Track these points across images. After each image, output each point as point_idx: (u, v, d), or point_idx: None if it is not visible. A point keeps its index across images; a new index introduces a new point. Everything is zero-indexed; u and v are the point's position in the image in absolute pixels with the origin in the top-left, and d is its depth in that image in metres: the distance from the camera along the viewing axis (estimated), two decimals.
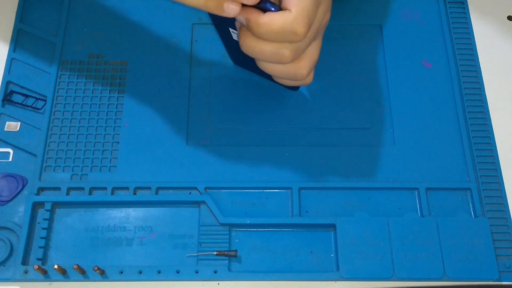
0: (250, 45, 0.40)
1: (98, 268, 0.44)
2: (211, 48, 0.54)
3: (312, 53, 0.43)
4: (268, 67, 0.43)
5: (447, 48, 0.54)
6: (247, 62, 0.49)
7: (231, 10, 0.38)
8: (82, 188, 0.48)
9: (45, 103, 0.51)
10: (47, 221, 0.46)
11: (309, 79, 0.44)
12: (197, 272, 0.44)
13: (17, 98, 0.51)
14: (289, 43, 0.40)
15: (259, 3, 0.38)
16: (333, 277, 0.44)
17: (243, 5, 0.38)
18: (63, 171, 0.48)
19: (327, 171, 0.49)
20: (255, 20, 0.39)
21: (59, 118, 0.50)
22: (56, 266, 0.43)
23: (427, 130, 0.51)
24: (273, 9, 0.39)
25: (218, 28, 0.48)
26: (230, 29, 0.45)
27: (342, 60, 0.53)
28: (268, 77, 0.51)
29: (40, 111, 0.51)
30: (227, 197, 0.48)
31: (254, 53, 0.41)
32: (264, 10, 0.39)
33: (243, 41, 0.40)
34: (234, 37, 0.46)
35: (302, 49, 0.41)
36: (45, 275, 0.44)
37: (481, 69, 0.53)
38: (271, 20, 0.38)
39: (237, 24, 0.42)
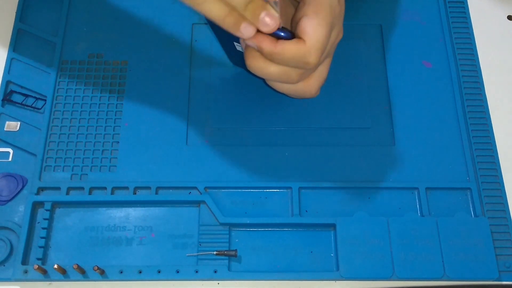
0: (259, 67, 0.40)
1: (98, 268, 0.43)
2: (211, 48, 0.54)
3: (322, 71, 0.43)
4: (276, 86, 0.42)
5: (447, 48, 0.54)
6: (235, 58, 0.49)
7: (246, 32, 0.37)
8: (82, 188, 0.48)
9: (45, 103, 0.51)
10: (47, 220, 0.46)
11: (316, 94, 0.44)
12: (197, 272, 0.44)
13: (17, 98, 0.51)
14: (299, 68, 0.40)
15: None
16: (333, 276, 0.44)
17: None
18: (63, 170, 0.48)
19: (327, 171, 0.49)
20: (269, 48, 0.38)
21: (59, 118, 0.50)
22: (56, 266, 0.43)
23: (427, 130, 0.51)
24: (283, 34, 0.38)
25: (213, 29, 0.47)
26: (235, 43, 0.45)
27: (342, 60, 0.53)
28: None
29: (40, 111, 0.51)
30: (227, 197, 0.47)
31: (262, 75, 0.40)
32: (276, 36, 0.38)
33: (251, 62, 0.40)
34: (238, 48, 0.46)
35: (310, 73, 0.41)
36: (45, 275, 0.44)
37: (481, 69, 0.53)
38: (285, 49, 0.38)
39: (242, 42, 0.41)
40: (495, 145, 0.50)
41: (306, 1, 0.40)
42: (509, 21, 0.57)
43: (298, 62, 0.39)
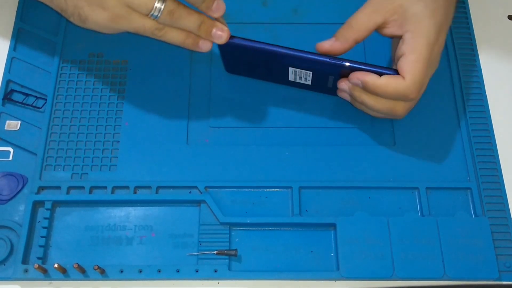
0: (367, 101, 0.46)
1: (98, 267, 0.43)
2: (211, 48, 0.54)
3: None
4: (373, 113, 0.48)
5: (447, 48, 0.54)
6: (243, 70, 0.49)
7: (205, 46, 0.45)
8: (82, 187, 0.48)
9: (45, 102, 0.51)
10: (47, 220, 0.46)
11: (403, 116, 0.48)
12: (197, 271, 0.44)
13: (17, 97, 0.51)
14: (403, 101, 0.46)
15: (372, 67, 0.45)
16: (333, 276, 0.44)
17: (362, 70, 0.45)
18: (63, 170, 0.48)
19: (327, 170, 0.49)
20: (373, 82, 0.44)
21: (59, 117, 0.50)
22: (56, 265, 0.43)
23: (427, 130, 0.51)
24: (388, 72, 0.44)
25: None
26: (290, 68, 0.48)
27: None
28: (266, 78, 0.51)
29: (40, 110, 0.51)
30: (227, 196, 0.48)
31: (368, 106, 0.46)
32: (380, 74, 0.44)
33: (359, 97, 0.46)
34: (291, 77, 0.49)
35: (414, 105, 0.47)
36: (45, 274, 0.44)
37: (482, 69, 0.53)
38: (387, 83, 0.44)
39: (344, 83, 0.47)
40: (495, 145, 0.50)
41: (405, 39, 0.44)
42: (509, 21, 0.57)
43: (399, 96, 0.44)
